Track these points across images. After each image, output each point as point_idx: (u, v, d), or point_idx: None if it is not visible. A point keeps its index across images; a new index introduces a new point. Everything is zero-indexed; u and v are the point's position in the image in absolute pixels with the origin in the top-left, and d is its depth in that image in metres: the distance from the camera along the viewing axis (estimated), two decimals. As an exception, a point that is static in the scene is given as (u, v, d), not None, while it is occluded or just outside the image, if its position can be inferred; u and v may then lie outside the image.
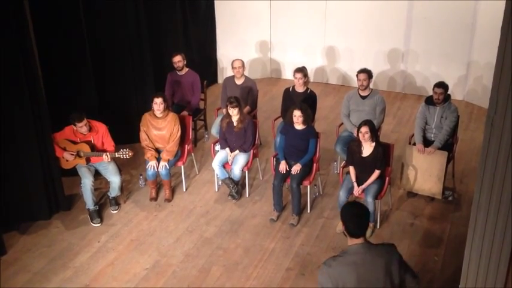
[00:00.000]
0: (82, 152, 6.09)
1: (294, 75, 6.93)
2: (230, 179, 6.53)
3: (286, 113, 6.81)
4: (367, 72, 6.67)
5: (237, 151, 6.50)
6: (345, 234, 3.34)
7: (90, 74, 7.00)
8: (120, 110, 7.48)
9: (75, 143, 6.10)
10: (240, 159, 6.47)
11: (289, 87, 7.10)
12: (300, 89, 6.93)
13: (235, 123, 6.45)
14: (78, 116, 5.92)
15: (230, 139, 6.54)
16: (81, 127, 5.97)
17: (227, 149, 6.55)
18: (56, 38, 6.55)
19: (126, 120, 7.36)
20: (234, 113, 6.39)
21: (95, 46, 7.03)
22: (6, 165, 5.73)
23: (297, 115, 5.98)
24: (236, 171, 6.46)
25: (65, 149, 6.08)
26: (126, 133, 7.17)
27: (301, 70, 6.92)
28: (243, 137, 6.49)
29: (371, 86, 6.85)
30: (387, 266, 3.21)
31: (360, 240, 3.24)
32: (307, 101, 6.63)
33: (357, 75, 6.75)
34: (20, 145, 5.76)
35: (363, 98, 6.73)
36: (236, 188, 6.54)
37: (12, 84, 5.55)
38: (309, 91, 6.98)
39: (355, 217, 3.26)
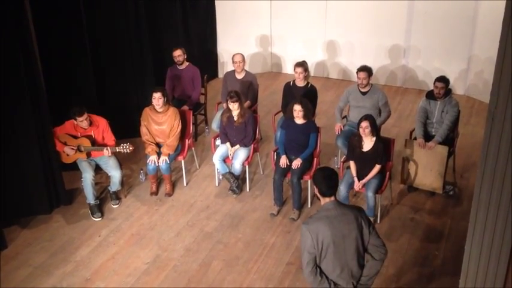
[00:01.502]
0: (83, 146, 6.08)
1: (294, 70, 6.91)
2: (230, 173, 6.53)
3: (286, 107, 6.80)
4: (367, 71, 6.62)
5: (238, 146, 6.49)
6: (317, 197, 3.73)
7: (90, 68, 6.99)
8: (120, 105, 7.48)
9: (75, 137, 6.10)
10: (240, 154, 6.47)
11: (290, 82, 7.08)
12: (300, 83, 6.91)
13: (235, 118, 6.43)
14: (78, 110, 5.92)
15: (230, 133, 6.52)
16: (82, 121, 5.97)
17: (227, 144, 6.54)
18: (55, 31, 6.54)
19: (127, 114, 7.36)
20: (235, 108, 6.37)
21: (94, 40, 7.02)
22: (6, 159, 5.73)
23: (297, 109, 5.98)
24: (237, 165, 6.45)
25: (65, 144, 6.08)
26: (127, 127, 7.17)
27: (302, 64, 6.90)
28: (243, 132, 6.47)
29: (371, 81, 6.82)
30: (357, 219, 3.60)
31: (331, 199, 3.62)
32: (307, 95, 6.62)
33: (356, 73, 6.72)
34: (20, 139, 5.76)
35: (363, 94, 6.70)
36: (237, 182, 6.53)
37: (12, 78, 5.54)
38: (309, 85, 6.95)
39: (326, 179, 3.60)
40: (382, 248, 3.69)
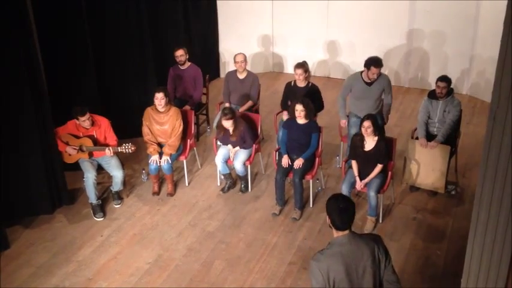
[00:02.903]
0: (85, 146, 6.09)
1: (294, 71, 6.85)
2: (230, 175, 6.59)
3: (287, 106, 6.83)
4: (379, 66, 6.30)
5: (238, 147, 6.51)
6: (330, 226, 3.37)
7: (92, 68, 7.00)
8: (122, 105, 7.49)
9: (77, 137, 6.11)
10: (240, 155, 6.48)
11: (291, 82, 7.06)
12: (301, 84, 6.90)
13: (231, 133, 6.43)
14: (80, 110, 5.92)
15: (229, 142, 6.56)
16: (84, 121, 5.98)
17: (229, 145, 6.55)
18: (57, 31, 6.54)
19: (128, 114, 7.37)
20: (228, 125, 6.34)
21: (96, 40, 7.03)
22: (9, 159, 5.74)
23: (299, 109, 5.97)
24: (238, 166, 6.46)
25: (67, 144, 6.09)
26: (129, 127, 7.17)
27: (302, 65, 6.84)
28: (241, 142, 6.48)
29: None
30: (373, 253, 3.25)
31: (345, 232, 3.28)
32: (309, 95, 6.61)
33: (368, 68, 6.30)
34: (22, 140, 5.77)
35: (369, 84, 6.40)
36: (231, 182, 6.65)
37: (14, 79, 5.55)
38: (310, 85, 6.93)
39: (341, 212, 3.27)
40: (396, 285, 3.36)
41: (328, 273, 3.18)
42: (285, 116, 6.91)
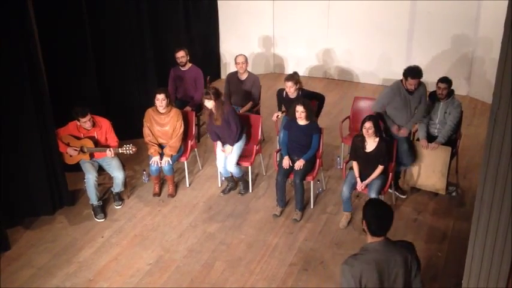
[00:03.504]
0: (85, 147, 6.10)
1: (285, 83, 6.64)
2: (232, 177, 6.63)
3: (281, 108, 6.96)
4: (416, 77, 5.96)
5: (228, 146, 6.44)
6: (365, 231, 3.32)
7: (92, 70, 7.01)
8: (123, 106, 7.50)
9: (78, 138, 6.11)
10: (230, 156, 6.43)
11: (282, 91, 6.86)
12: (292, 95, 6.70)
13: (215, 116, 6.28)
14: (81, 111, 5.92)
15: (217, 132, 6.47)
16: (85, 122, 5.98)
17: (219, 143, 6.51)
18: (58, 33, 6.55)
19: (129, 115, 7.37)
20: (210, 106, 6.19)
21: (97, 41, 7.04)
22: (10, 161, 5.74)
23: (300, 110, 5.97)
24: (231, 168, 6.44)
25: (68, 145, 6.09)
26: (129, 128, 7.18)
27: (292, 77, 6.62)
28: (227, 130, 6.36)
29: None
30: (406, 262, 3.23)
31: (380, 238, 3.24)
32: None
33: (406, 79, 5.99)
34: (23, 141, 5.78)
35: (411, 93, 6.08)
36: (233, 184, 6.65)
37: (15, 80, 5.55)
38: (300, 93, 6.70)
39: (379, 218, 3.23)
40: (419, 282, 3.35)
41: (361, 278, 3.18)
42: (275, 117, 7.01)
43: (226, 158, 6.45)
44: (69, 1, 6.51)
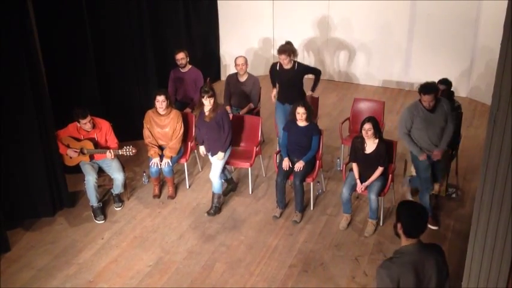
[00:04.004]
0: (85, 149, 6.10)
1: (278, 56, 6.70)
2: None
3: (275, 85, 7.10)
4: (429, 93, 5.44)
5: (219, 153, 6.15)
6: (398, 234, 3.30)
7: (93, 71, 7.01)
8: (122, 107, 7.50)
9: (78, 140, 6.11)
10: (214, 167, 6.22)
11: (276, 64, 6.92)
12: (287, 66, 6.74)
13: (206, 113, 6.07)
14: (82, 113, 5.93)
15: (203, 132, 6.23)
16: (85, 124, 5.98)
17: (201, 147, 6.35)
18: (58, 35, 6.55)
19: (129, 117, 7.38)
20: (209, 103, 5.98)
21: (97, 42, 7.04)
22: (10, 162, 5.75)
23: (301, 112, 5.97)
24: (214, 179, 6.23)
25: (68, 146, 6.09)
26: (129, 130, 7.18)
27: (284, 50, 6.61)
28: (217, 133, 6.11)
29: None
30: (438, 264, 3.24)
31: (415, 241, 3.23)
32: (298, 77, 6.75)
33: (420, 95, 5.54)
34: (23, 142, 5.78)
35: (432, 111, 5.54)
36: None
37: (15, 82, 5.56)
38: (296, 66, 6.77)
39: (415, 218, 3.21)
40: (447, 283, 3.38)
41: (399, 282, 3.17)
42: (273, 92, 7.16)
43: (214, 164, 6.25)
44: (69, 2, 6.51)
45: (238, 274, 5.32)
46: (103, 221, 6.18)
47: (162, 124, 6.43)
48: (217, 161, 6.17)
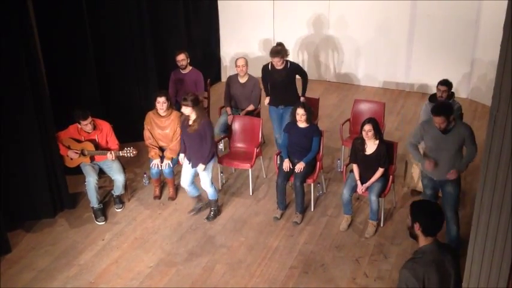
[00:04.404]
0: (86, 150, 6.10)
1: (272, 59, 6.67)
2: (199, 197, 6.32)
3: (267, 91, 7.03)
4: (445, 115, 4.99)
5: (200, 165, 5.97)
6: (414, 235, 3.30)
7: (93, 73, 7.02)
8: (123, 108, 7.50)
9: (79, 141, 6.12)
10: (203, 177, 6.07)
11: (268, 65, 6.91)
12: (279, 67, 6.73)
13: (190, 123, 5.89)
14: (82, 114, 5.93)
15: (186, 140, 6.03)
16: (86, 125, 5.99)
17: (181, 155, 6.18)
18: (59, 37, 6.56)
19: (130, 118, 7.38)
20: (186, 112, 5.82)
21: (97, 44, 7.05)
22: (10, 163, 5.75)
23: (300, 113, 5.98)
24: (206, 188, 6.12)
25: (69, 148, 6.10)
26: (130, 131, 7.18)
27: (278, 53, 6.58)
28: (199, 144, 5.89)
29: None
30: (455, 261, 3.28)
31: (432, 239, 3.24)
32: (291, 76, 6.74)
33: (434, 117, 5.04)
34: (24, 143, 5.79)
35: (445, 132, 5.12)
36: (204, 206, 6.31)
37: (16, 82, 5.57)
38: (289, 65, 6.77)
39: (433, 215, 3.22)
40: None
41: (424, 281, 3.16)
42: (266, 100, 7.07)
43: (193, 175, 6.13)
44: (69, 3, 6.52)
45: (239, 275, 5.32)
46: (104, 223, 6.19)
47: (163, 125, 6.43)
48: (203, 172, 6.00)
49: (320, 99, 7.67)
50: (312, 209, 6.33)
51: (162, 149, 6.52)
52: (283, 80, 6.79)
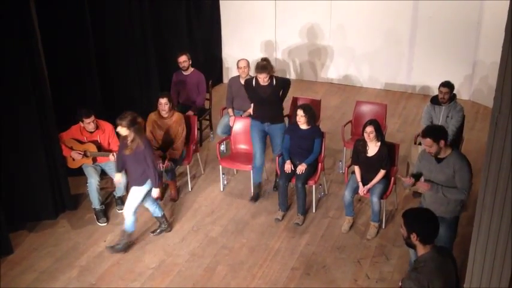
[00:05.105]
0: (88, 151, 6.11)
1: (257, 75, 6.21)
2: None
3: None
4: (432, 138, 4.52)
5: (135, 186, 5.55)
6: (411, 243, 3.27)
7: (95, 74, 7.03)
8: (125, 110, 7.47)
9: (81, 142, 6.13)
10: (130, 198, 5.61)
11: (252, 80, 6.41)
12: (265, 83, 6.26)
13: (128, 143, 5.40)
14: (86, 112, 5.96)
15: (125, 162, 5.59)
16: (89, 123, 6.00)
17: (118, 175, 5.77)
18: (61, 39, 6.57)
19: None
20: (121, 132, 5.36)
21: (100, 46, 7.06)
22: (12, 165, 5.76)
23: (300, 114, 5.97)
24: (126, 212, 5.64)
25: (72, 149, 6.10)
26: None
27: (264, 69, 6.16)
28: (139, 164, 5.43)
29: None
30: (454, 264, 3.28)
31: (431, 246, 3.22)
32: (276, 92, 6.29)
33: (423, 139, 4.63)
34: (26, 145, 5.79)
35: (439, 161, 4.66)
36: (164, 223, 5.95)
37: (18, 84, 5.58)
38: (274, 82, 6.30)
39: (428, 222, 3.19)
40: None
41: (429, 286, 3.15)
42: (250, 110, 6.70)
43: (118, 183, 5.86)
44: (71, 6, 6.53)
45: (240, 277, 5.32)
46: (105, 224, 6.19)
47: (165, 127, 6.44)
48: (137, 192, 5.54)
49: (322, 101, 7.67)
50: (314, 211, 6.32)
51: (164, 151, 6.52)
52: (269, 97, 6.27)
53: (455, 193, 4.61)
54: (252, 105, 6.62)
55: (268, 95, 6.26)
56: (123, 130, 5.30)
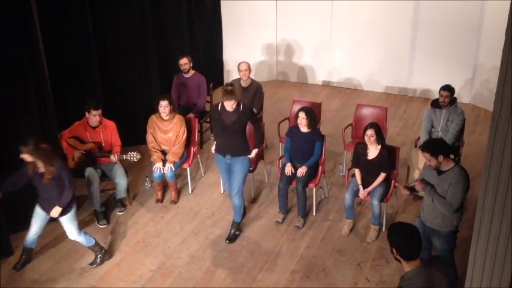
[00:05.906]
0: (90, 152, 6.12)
1: (224, 102, 5.49)
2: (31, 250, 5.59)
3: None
4: (430, 152, 4.52)
5: (56, 208, 5.19)
6: (398, 259, 3.23)
7: (96, 75, 7.04)
8: (126, 112, 7.51)
9: (83, 142, 6.12)
10: (68, 228, 5.39)
11: (217, 105, 5.72)
12: (231, 109, 5.56)
13: (41, 171, 5.05)
14: (95, 104, 5.99)
15: (41, 190, 5.21)
16: (95, 116, 6.00)
17: (38, 208, 5.35)
18: (62, 40, 6.59)
19: (133, 122, 7.40)
20: (26, 158, 5.00)
21: (101, 48, 7.08)
22: (12, 166, 5.75)
23: (301, 117, 5.98)
24: (74, 237, 5.42)
25: (74, 148, 6.10)
26: (132, 135, 7.20)
27: (233, 95, 5.49)
28: (57, 188, 5.12)
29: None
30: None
31: (416, 263, 3.17)
32: (242, 121, 5.64)
33: (422, 153, 4.62)
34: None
35: (440, 173, 4.60)
36: (95, 254, 5.55)
37: (19, 84, 5.58)
38: (241, 109, 5.63)
39: (408, 239, 3.15)
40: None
41: None
42: (213, 148, 5.99)
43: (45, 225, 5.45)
44: (72, 7, 6.54)
45: (240, 279, 5.32)
46: (105, 226, 6.19)
47: (166, 129, 6.44)
48: (67, 220, 5.33)
49: (322, 104, 7.68)
50: (314, 214, 6.33)
51: (164, 153, 6.53)
52: (232, 125, 5.61)
53: (441, 203, 4.52)
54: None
55: (233, 122, 5.58)
56: (26, 156, 4.94)
